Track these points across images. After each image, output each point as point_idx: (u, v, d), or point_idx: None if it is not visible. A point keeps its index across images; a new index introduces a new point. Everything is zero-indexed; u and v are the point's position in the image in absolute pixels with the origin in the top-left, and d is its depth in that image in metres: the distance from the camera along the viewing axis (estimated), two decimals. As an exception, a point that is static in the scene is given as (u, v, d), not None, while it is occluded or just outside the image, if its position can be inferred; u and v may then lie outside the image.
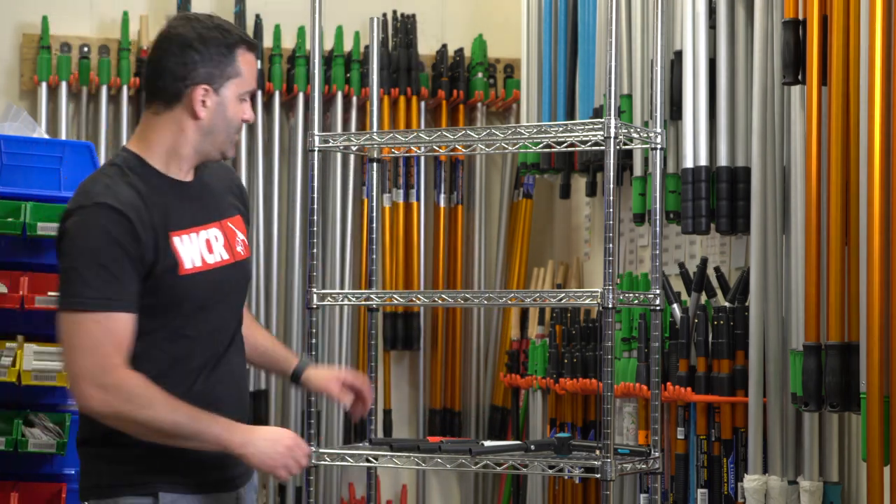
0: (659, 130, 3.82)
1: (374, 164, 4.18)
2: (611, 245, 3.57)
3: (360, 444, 4.02)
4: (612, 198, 3.59)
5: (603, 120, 3.61)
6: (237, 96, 3.01)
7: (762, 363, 4.20)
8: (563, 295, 3.80)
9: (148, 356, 2.92)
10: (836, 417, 4.08)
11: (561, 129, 3.75)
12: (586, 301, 3.68)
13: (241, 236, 3.11)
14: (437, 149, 3.96)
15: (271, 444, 2.95)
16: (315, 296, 3.93)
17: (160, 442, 2.90)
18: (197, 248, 2.98)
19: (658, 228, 3.81)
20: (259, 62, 6.15)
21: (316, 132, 3.98)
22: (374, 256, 4.19)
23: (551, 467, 3.64)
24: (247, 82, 3.02)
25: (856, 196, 3.72)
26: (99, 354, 2.84)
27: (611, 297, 3.56)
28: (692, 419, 4.36)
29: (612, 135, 3.60)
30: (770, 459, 4.16)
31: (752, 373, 4.21)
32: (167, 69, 2.97)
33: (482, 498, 6.42)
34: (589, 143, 3.70)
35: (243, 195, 3.21)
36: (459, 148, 4.02)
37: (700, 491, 4.33)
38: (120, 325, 2.86)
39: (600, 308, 3.58)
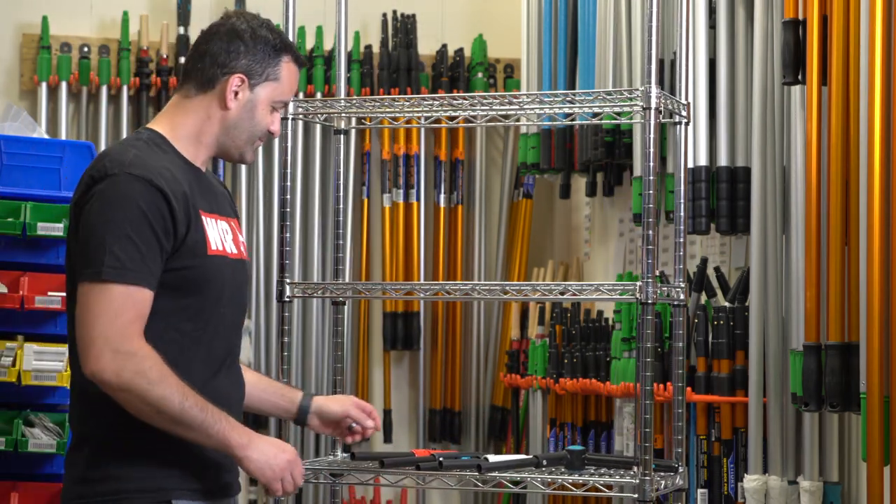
0: (685, 102, 3.51)
1: (342, 137, 3.81)
2: (650, 232, 3.21)
3: (345, 458, 3.69)
4: (651, 177, 3.21)
5: (640, 88, 3.23)
6: (270, 101, 2.94)
7: (762, 363, 4.20)
8: (594, 288, 3.32)
9: (167, 337, 2.80)
10: (836, 417, 4.08)
11: (591, 97, 3.32)
12: (621, 296, 3.29)
13: (241, 237, 3.03)
14: (443, 120, 3.50)
15: (274, 454, 2.82)
16: (287, 287, 3.62)
17: (161, 426, 2.74)
18: (218, 234, 2.90)
19: (682, 213, 3.49)
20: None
21: (281, 109, 3.67)
22: (342, 242, 3.87)
23: (577, 486, 3.28)
24: (284, 91, 2.96)
25: (856, 196, 3.72)
26: (119, 322, 2.71)
27: (650, 290, 3.22)
28: (692, 419, 4.36)
29: (653, 105, 3.22)
30: (770, 459, 4.16)
31: (752, 373, 4.21)
32: (210, 53, 2.91)
33: (482, 502, 6.42)
34: (624, 115, 3.35)
35: (235, 208, 3.12)
36: (471, 117, 3.52)
37: (700, 491, 4.33)
38: (141, 299, 2.74)
39: (638, 303, 3.22)
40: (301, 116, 3.68)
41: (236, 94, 2.91)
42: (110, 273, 2.72)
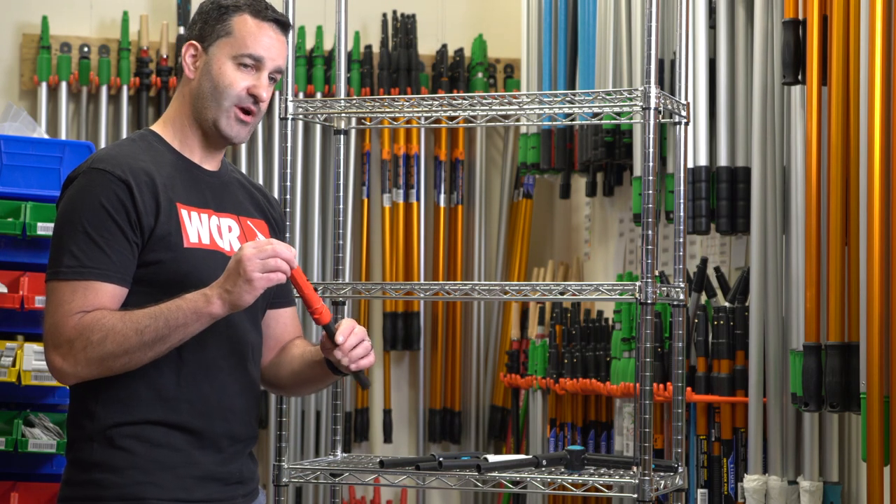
0: (684, 102, 3.50)
1: (342, 137, 3.78)
2: (650, 232, 3.19)
3: (345, 458, 3.66)
4: (651, 177, 3.19)
5: (640, 88, 3.22)
6: (229, 57, 2.84)
7: (762, 363, 4.20)
8: (594, 288, 3.30)
9: None
10: (836, 417, 4.08)
11: (591, 97, 3.30)
12: (621, 296, 3.27)
13: (261, 238, 2.90)
14: (443, 120, 3.48)
15: (236, 271, 2.65)
16: None
17: (150, 356, 2.67)
18: (206, 228, 2.81)
19: (682, 213, 3.47)
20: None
21: (289, 98, 3.63)
22: (342, 242, 3.83)
23: (577, 486, 3.27)
24: (242, 43, 2.84)
25: (856, 196, 3.72)
26: (58, 314, 2.68)
27: (650, 290, 3.21)
28: (692, 419, 4.36)
29: (652, 105, 3.20)
30: (770, 459, 4.16)
31: (752, 373, 4.21)
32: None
33: (482, 502, 6.42)
34: (624, 116, 3.33)
35: (277, 211, 3.01)
36: (471, 117, 3.49)
37: (700, 491, 4.33)
38: (94, 293, 2.68)
39: (638, 303, 3.20)
40: (301, 116, 3.68)
41: (194, 60, 2.87)
42: (67, 273, 2.69)
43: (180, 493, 2.74)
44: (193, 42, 2.88)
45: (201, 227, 2.81)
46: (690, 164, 4.48)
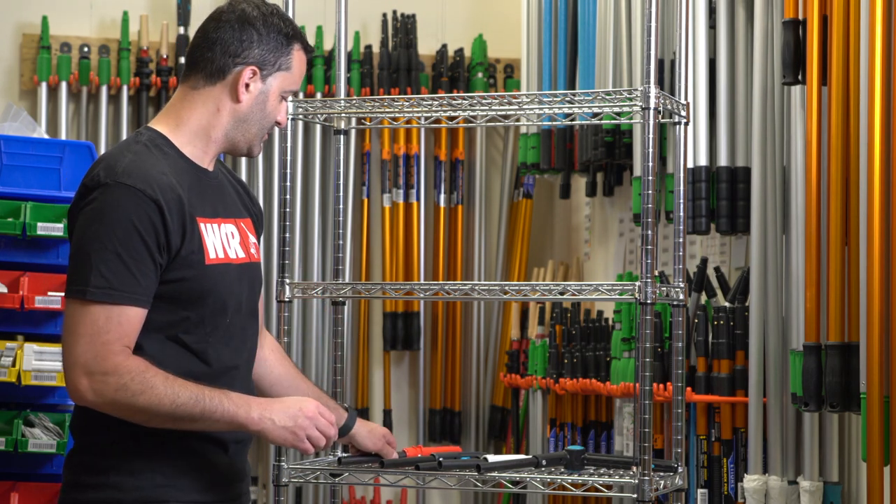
0: (684, 102, 3.48)
1: (342, 137, 3.77)
2: (650, 232, 3.17)
3: (345, 457, 3.66)
4: (651, 178, 3.17)
5: (640, 88, 3.21)
6: (280, 92, 2.85)
7: (762, 363, 4.20)
8: (594, 288, 3.27)
9: (168, 351, 2.73)
10: (836, 417, 4.08)
11: (591, 97, 3.30)
12: (620, 296, 3.24)
13: (252, 239, 2.93)
14: (443, 120, 3.46)
15: (292, 415, 2.74)
16: (287, 287, 3.58)
17: (164, 427, 2.68)
18: (219, 240, 2.80)
19: (682, 213, 3.45)
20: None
21: (289, 98, 3.67)
22: (342, 242, 3.82)
23: (577, 486, 3.26)
24: (294, 80, 2.87)
25: (856, 196, 3.72)
26: (98, 342, 2.63)
27: (649, 290, 3.18)
28: (692, 419, 4.36)
29: (652, 105, 3.19)
30: (770, 459, 4.16)
31: (752, 373, 4.21)
32: (220, 41, 2.80)
33: (482, 502, 6.42)
34: (623, 116, 3.33)
35: (256, 205, 3.02)
36: (471, 117, 3.46)
37: (700, 491, 4.33)
38: (127, 319, 2.66)
39: (637, 303, 3.19)
40: (301, 116, 3.67)
41: (248, 85, 2.81)
42: (96, 293, 2.65)
43: (197, 495, 2.77)
44: (255, 67, 2.82)
45: (216, 240, 2.80)
46: (690, 164, 4.48)
